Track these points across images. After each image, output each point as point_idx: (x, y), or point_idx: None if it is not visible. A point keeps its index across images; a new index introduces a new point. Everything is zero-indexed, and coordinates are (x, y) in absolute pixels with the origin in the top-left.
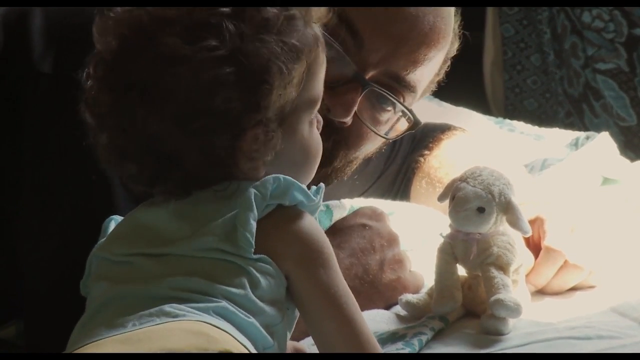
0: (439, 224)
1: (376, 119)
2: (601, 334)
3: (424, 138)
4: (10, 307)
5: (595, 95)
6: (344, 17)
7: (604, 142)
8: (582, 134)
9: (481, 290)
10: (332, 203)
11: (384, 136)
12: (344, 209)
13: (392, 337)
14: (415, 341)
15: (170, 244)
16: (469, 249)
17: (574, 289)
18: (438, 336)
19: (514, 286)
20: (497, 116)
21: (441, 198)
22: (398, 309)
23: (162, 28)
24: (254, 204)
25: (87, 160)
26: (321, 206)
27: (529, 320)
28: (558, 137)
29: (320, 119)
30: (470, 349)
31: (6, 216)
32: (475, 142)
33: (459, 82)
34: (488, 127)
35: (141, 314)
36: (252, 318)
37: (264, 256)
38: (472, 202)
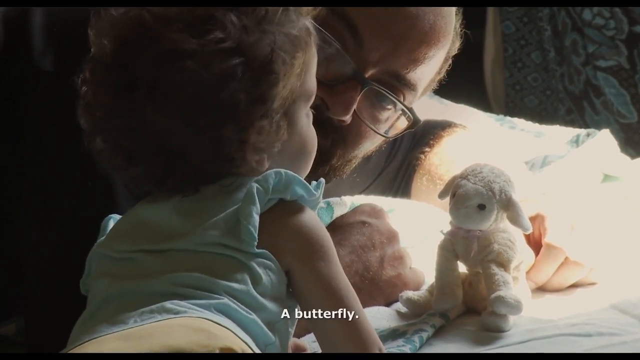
0: (440, 221)
1: (376, 118)
2: (601, 331)
3: (424, 135)
4: (10, 305)
5: (596, 93)
6: (344, 16)
7: (604, 139)
8: (583, 131)
9: (482, 287)
10: (333, 200)
11: (384, 135)
12: (344, 206)
13: (393, 334)
14: (415, 338)
15: (171, 240)
16: (469, 246)
17: (574, 286)
18: (439, 333)
19: (515, 283)
20: (498, 113)
21: (442, 195)
22: (398, 305)
23: (166, 24)
24: (256, 198)
25: (88, 158)
26: (322, 203)
27: (530, 317)
28: (559, 134)
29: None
30: (471, 346)
31: (7, 214)
32: (476, 140)
33: (459, 80)
34: (489, 124)
35: (142, 311)
36: (254, 314)
37: (265, 251)
38: (473, 199)
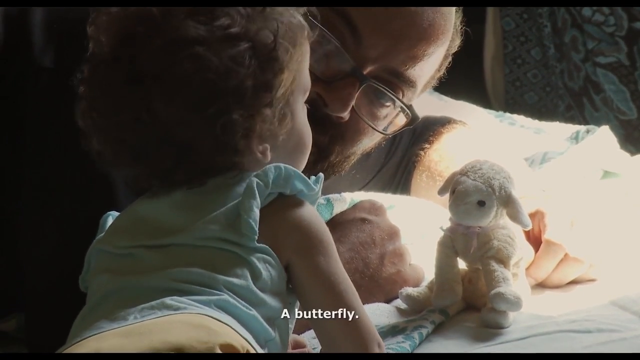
0: (439, 218)
1: (374, 115)
2: (601, 327)
3: (424, 131)
4: (10, 301)
5: (596, 89)
6: (343, 13)
7: (604, 136)
8: (583, 128)
9: (481, 284)
10: (333, 196)
11: (382, 132)
12: (344, 202)
13: (393, 331)
14: (415, 334)
15: (172, 235)
16: (469, 243)
17: (574, 282)
18: (438, 329)
19: (514, 279)
20: (498, 110)
21: (441, 191)
22: (398, 302)
23: (170, 15)
24: (256, 192)
25: (89, 156)
26: (321, 199)
27: (529, 313)
28: (558, 131)
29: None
30: (471, 343)
31: (7, 211)
32: (476, 136)
33: (459, 76)
34: (488, 121)
35: (142, 307)
36: (254, 310)
37: (265, 246)
38: (473, 196)
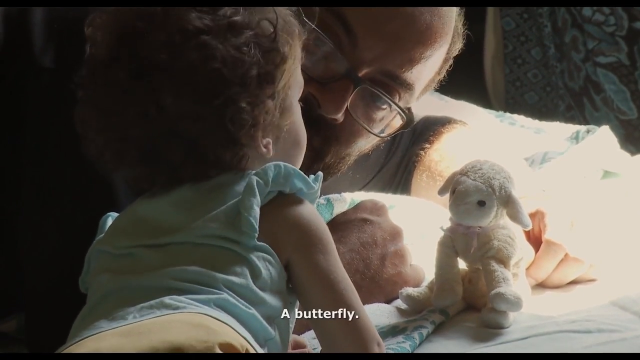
0: (440, 218)
1: (370, 117)
2: (601, 328)
3: (424, 131)
4: (11, 301)
5: (596, 89)
6: (339, 14)
7: (604, 136)
8: (583, 128)
9: (482, 284)
10: (333, 196)
11: (377, 134)
12: (344, 202)
13: (393, 331)
14: (415, 335)
15: (171, 234)
16: (469, 243)
17: (574, 282)
18: (439, 330)
19: (515, 280)
20: (498, 110)
21: (442, 191)
22: (399, 302)
23: (173, 9)
24: (256, 190)
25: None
26: (322, 199)
27: (530, 313)
28: (558, 131)
29: None
30: (471, 343)
31: (7, 211)
32: (476, 136)
33: (459, 76)
34: (489, 121)
35: (142, 306)
36: (253, 309)
37: (265, 245)
38: (473, 196)
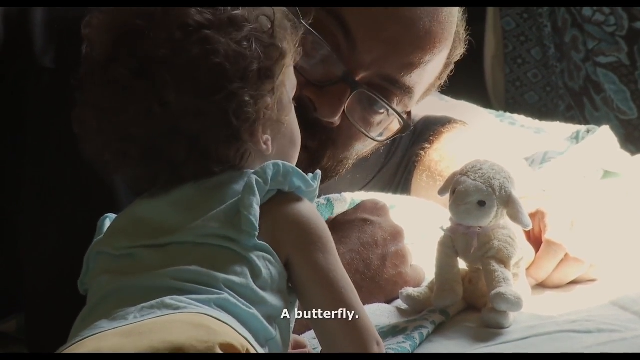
0: (440, 218)
1: (367, 121)
2: (601, 328)
3: (424, 131)
4: (11, 302)
5: (596, 89)
6: (338, 17)
7: (604, 136)
8: (583, 128)
9: (482, 284)
10: (333, 196)
11: (374, 138)
12: (344, 202)
13: (393, 331)
14: (416, 335)
15: (171, 233)
16: (469, 243)
17: (574, 282)
18: (439, 330)
19: (515, 280)
20: (498, 109)
21: (442, 192)
22: (399, 302)
23: (172, 7)
24: (256, 189)
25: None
26: (322, 199)
27: (530, 313)
28: (559, 131)
29: None
30: (471, 343)
31: (7, 211)
32: (476, 136)
33: (459, 76)
34: (489, 121)
35: (142, 306)
36: (254, 309)
37: (265, 244)
38: (473, 196)
